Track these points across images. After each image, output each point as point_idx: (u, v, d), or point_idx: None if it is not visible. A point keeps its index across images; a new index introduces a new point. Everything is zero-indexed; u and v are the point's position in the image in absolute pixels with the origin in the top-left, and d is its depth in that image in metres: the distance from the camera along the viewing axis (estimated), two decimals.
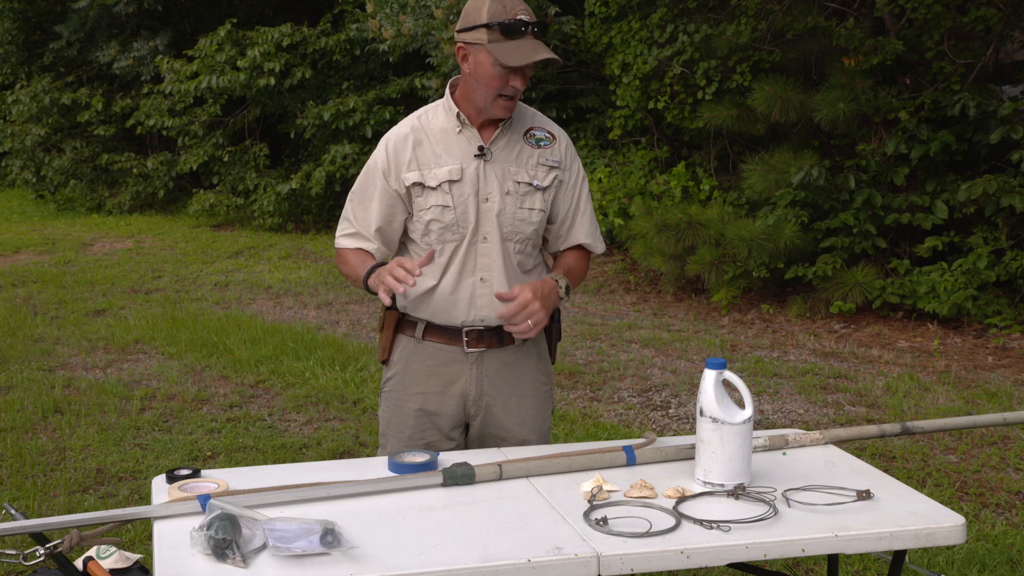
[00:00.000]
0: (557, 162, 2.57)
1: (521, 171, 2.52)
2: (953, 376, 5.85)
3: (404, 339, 2.61)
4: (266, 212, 11.98)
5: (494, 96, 2.43)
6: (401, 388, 2.61)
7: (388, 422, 2.65)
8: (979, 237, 6.92)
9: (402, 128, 2.56)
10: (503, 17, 2.37)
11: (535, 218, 2.54)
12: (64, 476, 4.36)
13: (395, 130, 2.58)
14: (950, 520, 2.02)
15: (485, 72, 2.41)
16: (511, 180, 2.51)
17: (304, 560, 1.79)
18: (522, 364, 2.62)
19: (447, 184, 2.47)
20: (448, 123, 2.53)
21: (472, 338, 2.55)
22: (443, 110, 2.55)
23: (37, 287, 8.90)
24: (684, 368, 6.13)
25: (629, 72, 8.79)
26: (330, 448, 4.71)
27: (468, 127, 2.51)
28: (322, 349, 6.49)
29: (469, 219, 2.49)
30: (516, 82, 2.42)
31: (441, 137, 2.51)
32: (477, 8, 2.41)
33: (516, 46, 2.38)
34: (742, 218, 7.66)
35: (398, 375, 2.62)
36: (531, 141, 2.55)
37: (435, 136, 2.52)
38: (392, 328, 2.61)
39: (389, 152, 2.53)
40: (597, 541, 1.89)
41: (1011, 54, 7.71)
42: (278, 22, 12.36)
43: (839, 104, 7.05)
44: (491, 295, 2.49)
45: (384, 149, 2.55)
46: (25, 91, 14.53)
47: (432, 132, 2.53)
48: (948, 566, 3.39)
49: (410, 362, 2.60)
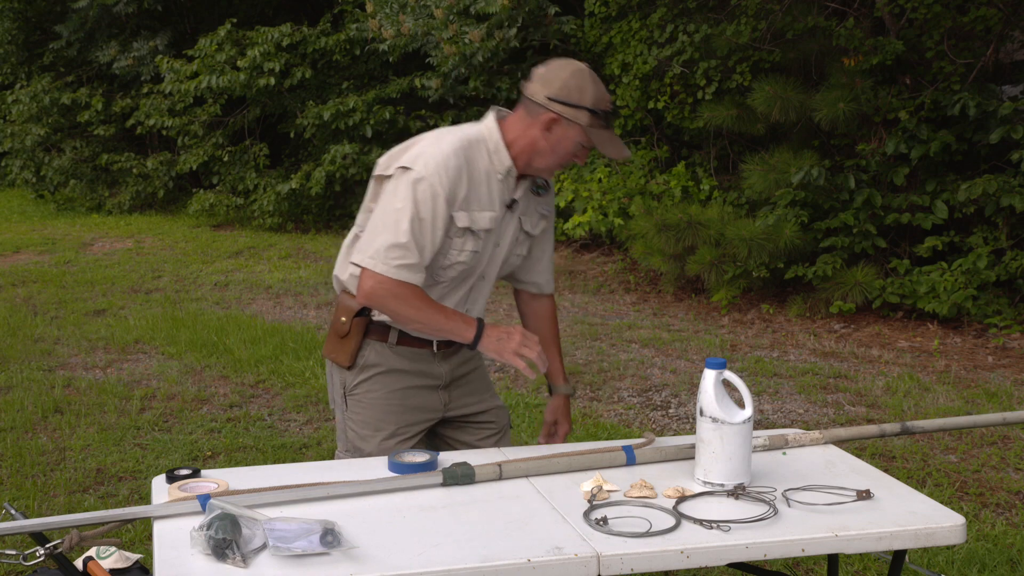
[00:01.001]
0: (549, 211, 2.68)
1: (527, 221, 2.61)
2: (953, 376, 5.85)
3: (375, 344, 2.59)
4: (266, 212, 11.98)
5: (556, 164, 2.51)
6: (380, 388, 2.60)
7: (365, 423, 2.60)
8: (979, 237, 6.92)
9: (455, 160, 2.41)
10: (605, 106, 2.44)
11: (519, 261, 2.67)
12: (64, 476, 4.36)
13: (450, 157, 2.40)
14: (950, 520, 2.02)
15: (567, 147, 2.46)
16: (521, 230, 2.60)
17: (304, 560, 1.80)
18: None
19: (484, 232, 2.49)
20: (492, 167, 2.48)
21: (442, 344, 2.62)
22: (488, 153, 2.48)
23: (37, 287, 8.90)
24: (684, 368, 6.13)
25: (629, 72, 8.79)
26: (330, 448, 4.71)
27: (510, 177, 2.51)
28: (322, 349, 6.48)
29: (482, 263, 2.56)
30: (580, 160, 2.53)
31: (484, 180, 2.47)
32: (580, 88, 2.41)
33: (610, 136, 2.46)
34: (742, 218, 7.66)
35: (377, 376, 2.60)
36: (534, 189, 2.61)
37: (479, 178, 2.47)
38: (361, 334, 2.59)
39: (451, 179, 2.39)
40: (597, 541, 1.89)
41: (1011, 54, 7.71)
42: (278, 22, 12.36)
43: (839, 104, 7.05)
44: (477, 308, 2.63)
45: (446, 174, 2.39)
46: (25, 91, 14.53)
47: (477, 173, 2.45)
48: (948, 566, 3.39)
49: (387, 366, 2.59)
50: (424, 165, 2.39)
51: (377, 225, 2.42)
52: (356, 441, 2.61)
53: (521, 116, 2.47)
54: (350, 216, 11.93)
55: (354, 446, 2.61)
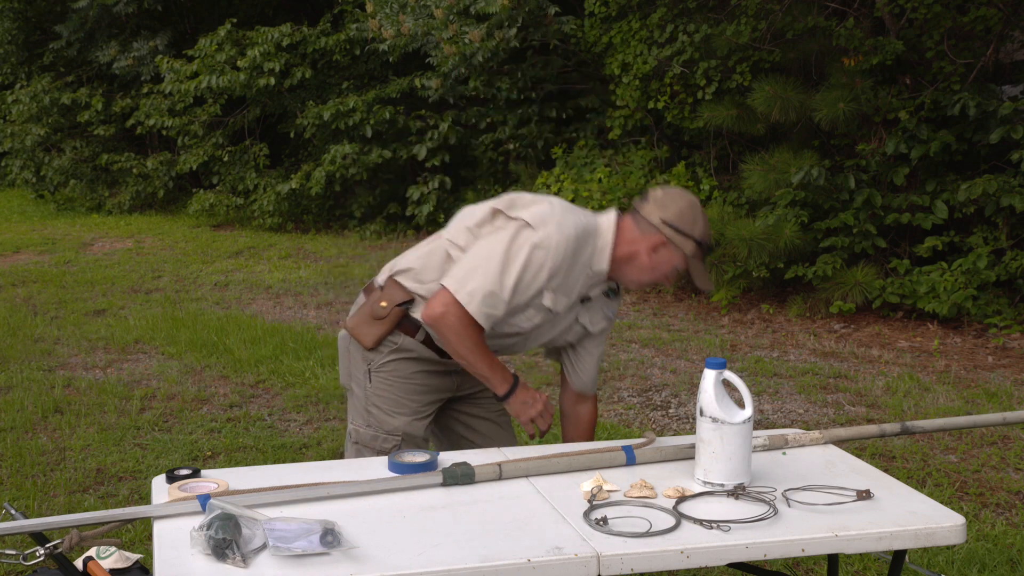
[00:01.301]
0: (613, 315, 2.76)
1: (587, 316, 2.69)
2: (953, 376, 5.85)
3: (404, 336, 2.68)
4: (266, 212, 11.98)
5: (644, 281, 2.64)
6: (403, 369, 2.69)
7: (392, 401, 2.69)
8: (979, 237, 6.92)
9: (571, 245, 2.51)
10: (709, 241, 2.60)
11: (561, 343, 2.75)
12: (64, 476, 4.36)
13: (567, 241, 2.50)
14: (950, 520, 2.02)
15: (665, 269, 2.59)
16: (577, 322, 2.69)
17: (304, 560, 1.80)
18: None
19: (551, 312, 2.59)
20: (590, 262, 2.56)
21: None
22: (594, 249, 2.56)
23: (37, 287, 8.90)
24: (684, 368, 6.13)
25: (629, 72, 8.79)
26: (330, 448, 4.71)
27: (598, 277, 2.61)
28: (322, 349, 6.49)
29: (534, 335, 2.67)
30: (668, 282, 2.68)
31: (580, 270, 2.56)
32: (693, 221, 2.56)
33: (703, 269, 2.62)
34: (742, 218, 7.66)
35: (402, 360, 2.68)
36: (607, 292, 2.70)
37: (577, 268, 2.55)
38: (394, 323, 2.67)
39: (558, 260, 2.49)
40: (597, 541, 1.89)
41: (1011, 54, 7.71)
42: (278, 22, 12.36)
43: (839, 104, 7.04)
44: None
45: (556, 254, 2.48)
46: (25, 91, 14.54)
47: (578, 263, 2.55)
48: (948, 566, 3.39)
49: (413, 353, 2.69)
50: (547, 236, 2.47)
51: (482, 263, 2.49)
52: (382, 416, 2.69)
53: (631, 228, 2.57)
54: (350, 216, 11.94)
55: (378, 421, 2.69)
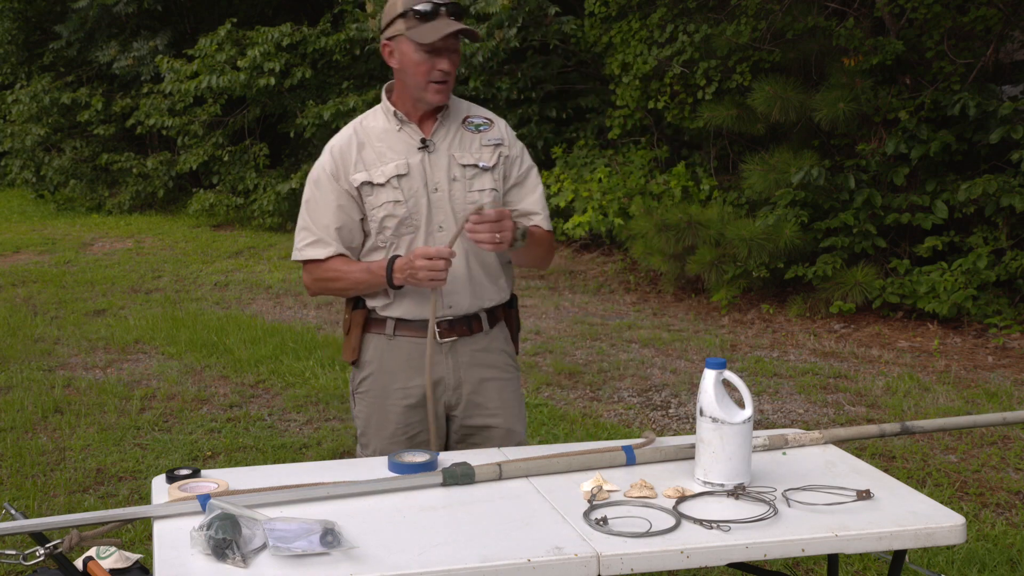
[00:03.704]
0: (499, 140, 2.65)
1: (465, 155, 2.59)
2: (953, 376, 5.85)
3: (374, 338, 2.64)
4: (266, 212, 11.98)
5: (425, 83, 2.51)
6: (379, 386, 2.64)
7: (368, 422, 2.67)
8: (979, 237, 6.92)
9: (344, 133, 2.63)
10: (416, 3, 2.45)
11: (487, 198, 2.58)
12: (64, 476, 4.36)
13: (338, 136, 2.64)
14: (950, 520, 2.02)
15: (410, 61, 2.50)
16: (456, 166, 2.58)
17: (304, 560, 1.80)
18: (493, 347, 2.68)
19: (395, 179, 2.54)
20: (388, 124, 2.60)
21: (444, 328, 2.60)
22: (381, 112, 2.63)
23: (37, 287, 8.90)
24: (684, 368, 6.13)
25: (629, 72, 8.78)
26: (330, 448, 4.71)
27: (407, 123, 2.58)
28: (322, 349, 6.49)
29: (421, 211, 2.56)
30: (443, 64, 2.49)
31: (383, 137, 2.59)
32: (393, 3, 2.50)
33: (431, 27, 2.45)
34: (742, 218, 7.66)
35: (374, 374, 2.65)
36: (470, 128, 2.63)
37: (377, 137, 2.59)
38: (360, 328, 2.65)
39: (335, 156, 2.59)
40: (597, 541, 1.89)
41: (1011, 54, 7.71)
42: (278, 22, 12.36)
43: (839, 104, 7.04)
44: (455, 281, 2.55)
45: (329, 154, 2.60)
46: (25, 91, 14.53)
47: (373, 134, 2.60)
48: (948, 566, 3.39)
49: (384, 360, 2.63)
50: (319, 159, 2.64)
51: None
52: (361, 440, 2.69)
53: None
54: None
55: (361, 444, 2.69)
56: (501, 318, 2.72)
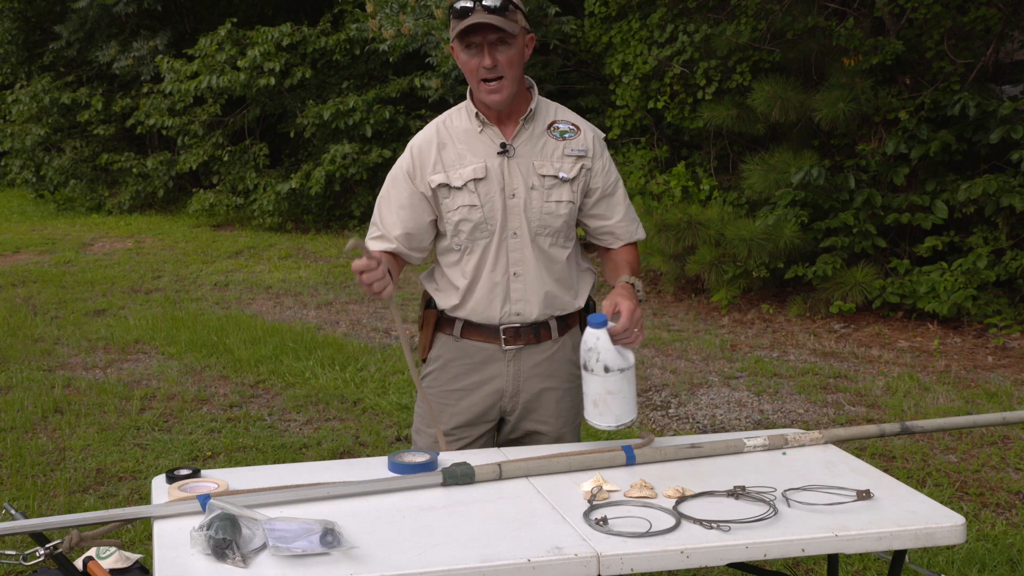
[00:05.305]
0: (583, 151, 2.57)
1: (546, 164, 2.54)
2: (953, 376, 5.84)
3: (443, 337, 2.65)
4: (266, 212, 11.98)
5: (476, 82, 2.49)
6: (438, 385, 2.65)
7: (422, 417, 2.68)
8: (979, 237, 6.92)
9: (427, 132, 2.61)
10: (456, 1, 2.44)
11: (563, 210, 2.54)
12: (64, 476, 4.36)
13: (420, 135, 2.62)
14: (950, 520, 2.02)
15: (459, 60, 2.51)
16: (535, 174, 2.53)
17: (304, 560, 1.80)
18: (558, 359, 2.64)
19: (472, 183, 2.51)
20: (470, 124, 2.56)
21: (509, 335, 2.58)
22: (465, 112, 2.59)
23: (37, 287, 8.90)
24: (684, 368, 6.13)
25: (629, 72, 8.79)
26: (330, 448, 4.71)
27: (489, 126, 2.54)
28: (322, 349, 6.49)
29: (496, 216, 2.52)
30: (485, 61, 2.43)
31: (464, 138, 2.55)
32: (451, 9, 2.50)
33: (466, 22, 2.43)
34: (742, 218, 7.66)
35: (436, 371, 2.66)
36: (555, 134, 2.57)
37: (458, 137, 2.56)
38: (432, 326, 2.66)
39: (414, 155, 2.57)
40: (597, 541, 1.89)
41: (1011, 54, 7.71)
42: (278, 22, 12.36)
43: (839, 104, 7.04)
44: (525, 289, 2.55)
45: (409, 153, 2.59)
46: (25, 91, 14.53)
47: (455, 134, 2.56)
48: (948, 566, 3.39)
49: (449, 359, 2.64)
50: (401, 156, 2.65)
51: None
52: (414, 435, 2.71)
53: None
54: (350, 216, 11.94)
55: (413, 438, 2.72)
56: (574, 325, 2.66)
